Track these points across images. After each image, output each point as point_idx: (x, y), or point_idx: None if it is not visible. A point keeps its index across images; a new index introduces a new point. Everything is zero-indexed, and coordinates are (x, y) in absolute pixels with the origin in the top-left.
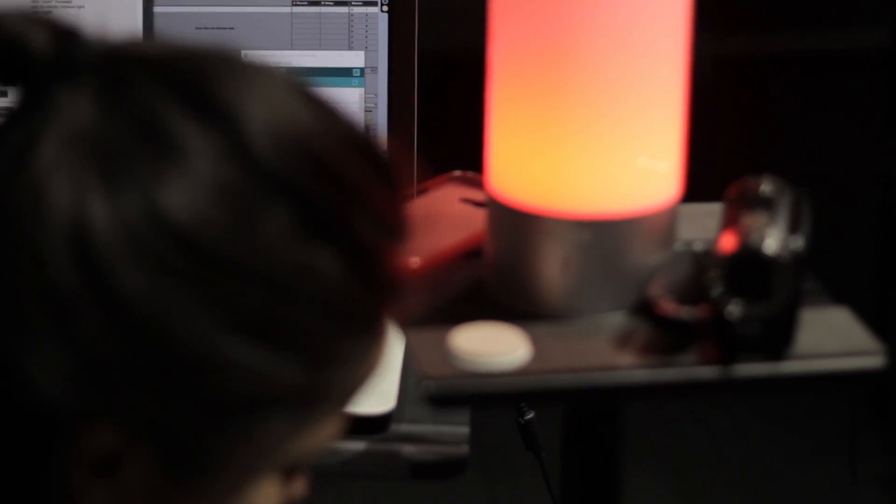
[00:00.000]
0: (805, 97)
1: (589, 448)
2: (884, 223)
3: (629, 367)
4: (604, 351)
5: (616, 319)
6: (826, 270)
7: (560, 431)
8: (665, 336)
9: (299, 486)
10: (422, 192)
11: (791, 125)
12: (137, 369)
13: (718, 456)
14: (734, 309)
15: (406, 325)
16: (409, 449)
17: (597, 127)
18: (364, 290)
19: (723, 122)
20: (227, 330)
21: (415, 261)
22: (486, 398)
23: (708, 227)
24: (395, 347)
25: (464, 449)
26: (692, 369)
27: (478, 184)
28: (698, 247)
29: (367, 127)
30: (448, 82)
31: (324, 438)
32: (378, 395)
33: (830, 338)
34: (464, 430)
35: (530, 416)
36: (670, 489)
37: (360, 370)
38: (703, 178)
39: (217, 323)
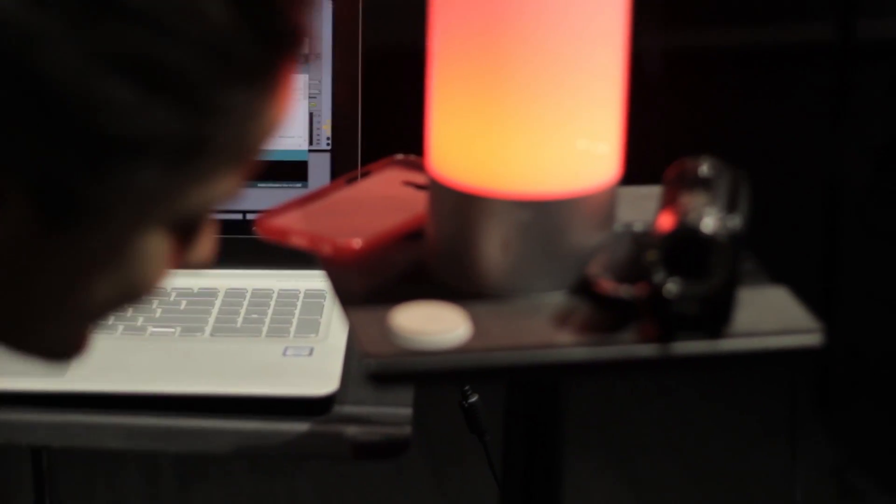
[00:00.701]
0: (753, 89)
1: (530, 429)
2: (828, 211)
3: (569, 345)
4: (544, 329)
5: (556, 298)
6: (773, 258)
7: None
8: (604, 314)
9: (204, 249)
10: (364, 175)
11: (739, 116)
12: (4, 101)
13: (664, 442)
14: (672, 287)
15: (347, 305)
16: (351, 430)
17: (536, 108)
18: (255, 36)
19: (672, 113)
20: (102, 65)
21: (356, 242)
22: (426, 376)
23: (648, 210)
24: (339, 330)
25: (406, 430)
26: (631, 347)
27: (420, 167)
28: (638, 227)
29: None
30: (392, 68)
31: (217, 196)
32: (321, 377)
33: (769, 316)
34: (406, 411)
35: (474, 399)
36: (617, 475)
37: (250, 127)
38: (648, 164)
39: (91, 57)
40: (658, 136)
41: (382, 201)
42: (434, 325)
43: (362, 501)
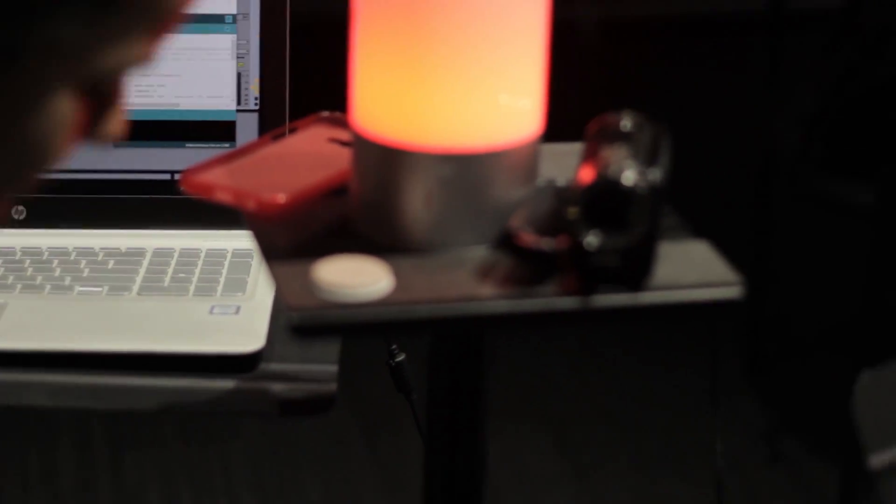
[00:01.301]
0: (687, 58)
1: (453, 385)
2: (760, 178)
3: (490, 298)
4: (466, 282)
5: (479, 252)
6: (706, 224)
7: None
8: (526, 267)
9: (114, 123)
10: (290, 132)
11: (673, 84)
12: None
13: (595, 407)
14: (592, 239)
15: (271, 260)
16: (277, 387)
17: (458, 63)
18: None
19: (607, 82)
20: None
21: (281, 197)
22: (349, 328)
23: (572, 166)
24: (266, 289)
25: (332, 386)
26: (552, 300)
27: (345, 124)
28: (560, 182)
29: None
30: (320, 27)
31: (131, 59)
32: (247, 335)
33: (689, 269)
34: (332, 368)
35: (401, 358)
36: (549, 441)
37: None
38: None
39: None
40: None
41: (307, 158)
42: (357, 278)
43: (294, 466)
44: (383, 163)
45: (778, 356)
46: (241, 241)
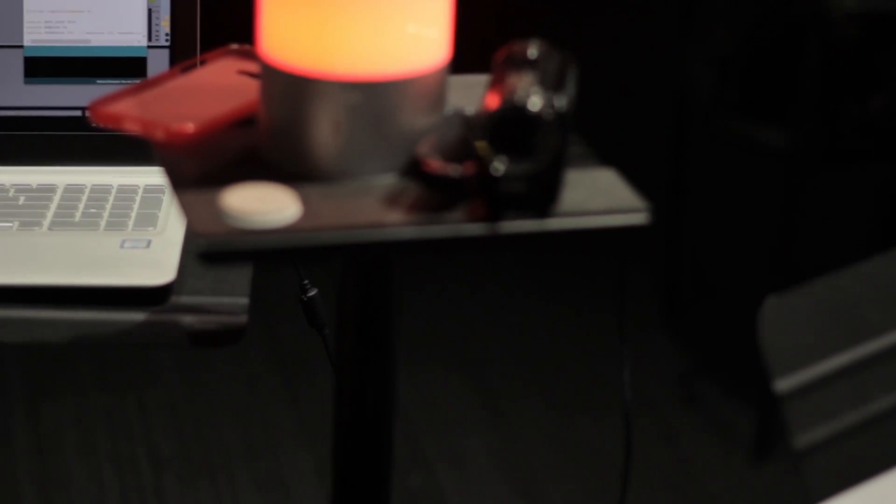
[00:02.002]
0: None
1: (362, 316)
2: (675, 122)
3: (398, 224)
4: (374, 209)
5: (387, 180)
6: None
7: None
8: (434, 194)
9: None
10: (200, 64)
11: (587, 29)
12: None
13: (513, 352)
14: (499, 165)
15: (179, 188)
16: (188, 319)
17: None
18: None
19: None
20: None
21: (189, 126)
22: (257, 254)
23: (480, 97)
24: (177, 223)
25: (243, 318)
26: (459, 226)
27: (255, 57)
28: (469, 111)
29: None
30: None
31: None
32: (158, 268)
33: (596, 196)
34: (243, 300)
35: (313, 293)
36: (468, 386)
37: None
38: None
39: None
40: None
41: (216, 89)
42: (264, 205)
43: (211, 407)
44: (291, 91)
45: (693, 298)
46: (152, 177)
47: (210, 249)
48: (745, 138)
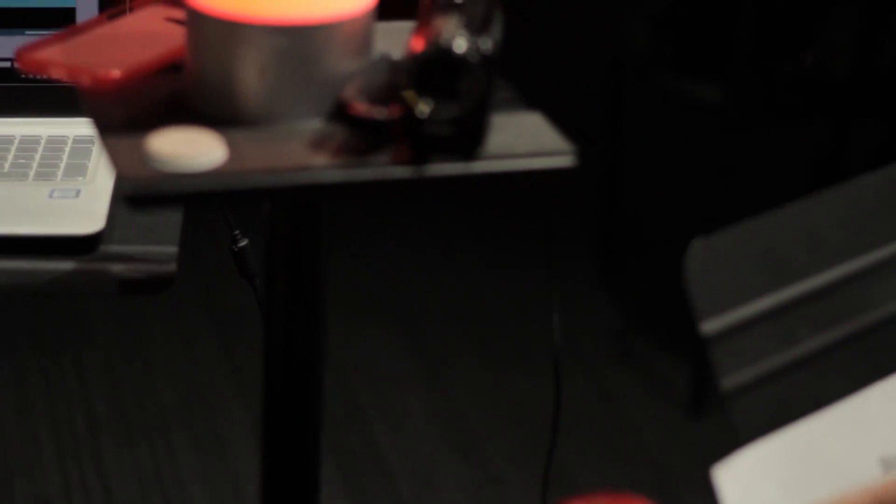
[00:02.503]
0: None
1: (291, 263)
2: (610, 78)
3: (324, 168)
4: (300, 153)
5: (313, 125)
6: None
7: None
8: (360, 138)
9: None
10: (128, 12)
11: None
12: None
13: (449, 310)
14: (424, 108)
15: (105, 134)
16: (117, 267)
17: None
18: None
19: None
20: None
21: (115, 72)
22: (182, 198)
23: (407, 42)
24: (107, 173)
25: (172, 267)
26: (385, 169)
27: (182, 3)
28: (395, 55)
29: None
30: None
31: None
32: (87, 217)
33: (522, 139)
34: (172, 249)
35: (244, 243)
36: (404, 344)
37: None
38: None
39: None
40: None
41: (143, 36)
42: (190, 148)
43: (148, 371)
44: (217, 37)
45: (629, 255)
46: (82, 128)
47: (136, 193)
48: (680, 94)
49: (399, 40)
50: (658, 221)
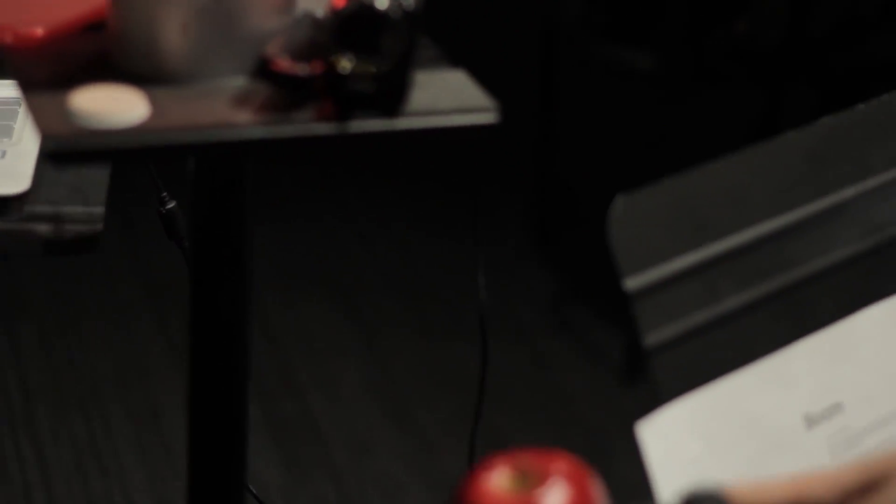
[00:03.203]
0: None
1: (216, 222)
2: (543, 46)
3: (247, 124)
4: (223, 110)
5: (236, 82)
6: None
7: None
8: (283, 95)
9: None
10: None
11: None
12: None
13: (386, 279)
14: (346, 64)
15: (27, 91)
16: (43, 228)
17: None
18: None
19: None
20: None
21: (38, 30)
22: (104, 154)
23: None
24: (33, 135)
25: (98, 227)
26: (308, 125)
27: None
28: (318, 13)
29: None
30: None
31: None
32: (12, 177)
33: (445, 96)
34: (99, 209)
35: (171, 205)
36: (342, 313)
37: None
38: None
39: None
40: None
41: None
42: (113, 105)
43: (83, 341)
44: None
45: (563, 223)
46: (7, 90)
47: (58, 149)
48: (613, 61)
49: None
50: (592, 189)
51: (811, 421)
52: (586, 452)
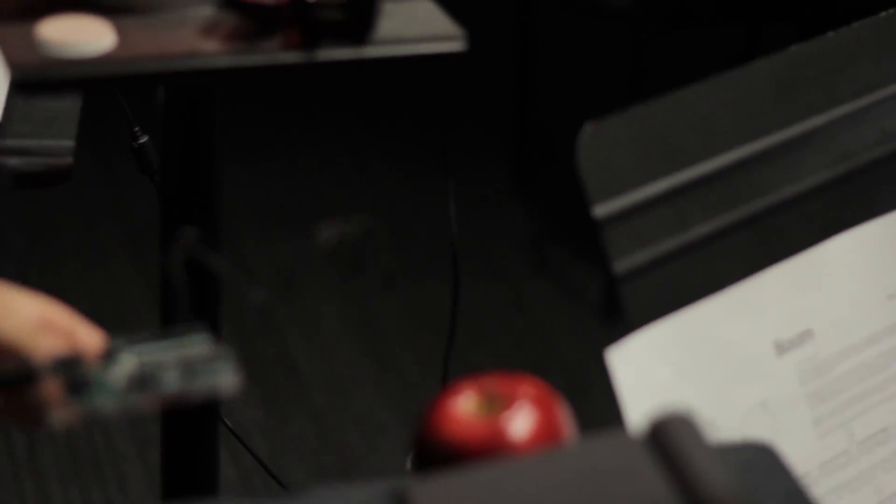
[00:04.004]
0: None
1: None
2: None
3: (214, 54)
4: (190, 39)
5: (204, 12)
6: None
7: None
8: (250, 24)
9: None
10: None
11: None
12: None
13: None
14: None
15: None
16: (13, 161)
17: None
18: None
19: None
20: None
21: None
22: (71, 83)
23: None
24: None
25: (68, 160)
26: (275, 54)
27: None
28: None
29: None
30: None
31: None
32: None
33: (413, 25)
34: (69, 143)
35: (144, 140)
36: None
37: None
38: None
39: None
40: None
41: None
42: (80, 35)
43: (61, 281)
44: None
45: (542, 163)
46: None
47: (25, 79)
48: (590, 1)
49: None
50: (569, 128)
51: (781, 348)
52: (565, 389)
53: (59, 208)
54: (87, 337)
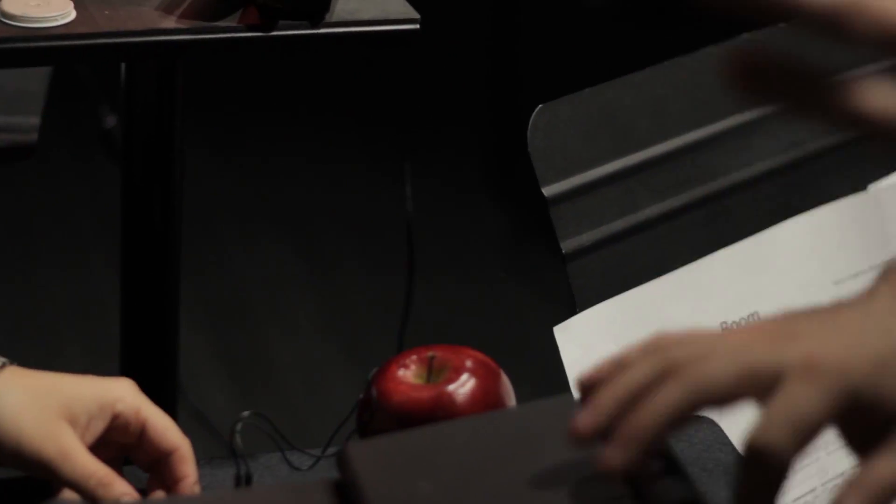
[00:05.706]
0: None
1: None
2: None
3: (173, 31)
4: (150, 16)
5: None
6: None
7: None
8: (209, 2)
9: None
10: None
11: None
12: None
13: (330, 213)
14: None
15: None
16: None
17: None
18: None
19: None
20: None
21: None
22: (30, 55)
23: None
24: None
25: (33, 136)
26: (234, 33)
27: None
28: None
29: None
30: None
31: None
32: None
33: (369, 6)
34: (34, 120)
35: (112, 124)
36: (298, 250)
37: None
38: None
39: None
40: None
41: None
42: (41, 8)
43: (38, 264)
44: None
45: (517, 159)
46: None
47: None
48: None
49: None
50: None
51: (728, 330)
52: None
53: (29, 190)
54: None
